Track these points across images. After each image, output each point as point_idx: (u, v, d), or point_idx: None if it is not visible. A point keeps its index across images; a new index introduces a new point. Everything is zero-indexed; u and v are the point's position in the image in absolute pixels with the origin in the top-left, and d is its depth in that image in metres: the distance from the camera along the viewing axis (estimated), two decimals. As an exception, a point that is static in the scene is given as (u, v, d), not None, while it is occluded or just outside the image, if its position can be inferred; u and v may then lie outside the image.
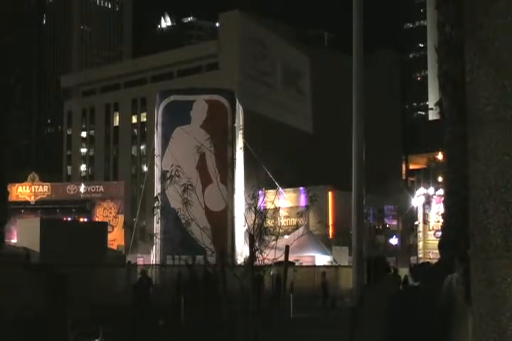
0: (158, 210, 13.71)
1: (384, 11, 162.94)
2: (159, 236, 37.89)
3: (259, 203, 12.51)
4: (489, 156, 3.06)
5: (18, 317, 7.84)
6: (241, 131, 42.15)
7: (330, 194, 63.89)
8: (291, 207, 51.51)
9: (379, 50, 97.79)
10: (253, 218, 12.22)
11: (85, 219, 60.36)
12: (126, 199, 68.78)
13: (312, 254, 46.94)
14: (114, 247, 52.99)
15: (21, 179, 61.97)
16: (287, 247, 18.13)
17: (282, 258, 16.92)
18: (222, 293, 19.59)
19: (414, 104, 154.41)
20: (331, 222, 52.84)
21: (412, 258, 50.55)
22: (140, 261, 42.75)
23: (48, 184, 66.93)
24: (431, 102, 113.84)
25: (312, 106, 46.02)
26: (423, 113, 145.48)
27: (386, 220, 67.76)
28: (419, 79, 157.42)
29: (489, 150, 3.07)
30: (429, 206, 51.74)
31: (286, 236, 30.25)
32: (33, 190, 64.77)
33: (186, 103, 45.80)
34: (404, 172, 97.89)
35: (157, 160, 43.03)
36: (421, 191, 53.83)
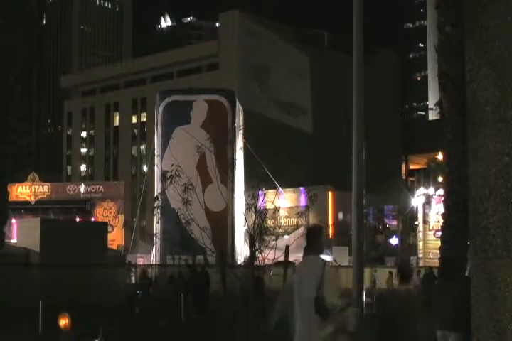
0: (158, 210, 13.70)
1: (384, 11, 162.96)
2: (159, 236, 37.93)
3: (259, 203, 12.52)
4: (489, 156, 3.06)
5: None
6: (241, 131, 42.17)
7: (330, 194, 63.87)
8: (291, 207, 51.47)
9: (379, 50, 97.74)
10: (253, 218, 12.22)
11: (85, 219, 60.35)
12: (126, 199, 68.77)
13: (312, 254, 46.92)
14: (114, 247, 52.98)
15: (21, 179, 61.94)
16: (287, 247, 18.13)
17: (282, 258, 16.93)
18: (222, 292, 19.61)
19: (414, 104, 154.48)
20: (331, 222, 52.79)
21: (412, 258, 50.51)
22: (140, 261, 42.78)
23: (48, 184, 66.93)
24: (431, 102, 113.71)
25: (312, 106, 45.97)
26: (423, 113, 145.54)
27: (386, 220, 67.72)
28: (419, 79, 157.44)
29: (489, 150, 3.07)
30: (429, 206, 51.71)
31: (286, 236, 30.26)
32: (33, 190, 64.77)
33: (186, 103, 45.81)
34: (404, 172, 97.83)
35: (157, 160, 43.08)
36: (421, 191, 53.80)
